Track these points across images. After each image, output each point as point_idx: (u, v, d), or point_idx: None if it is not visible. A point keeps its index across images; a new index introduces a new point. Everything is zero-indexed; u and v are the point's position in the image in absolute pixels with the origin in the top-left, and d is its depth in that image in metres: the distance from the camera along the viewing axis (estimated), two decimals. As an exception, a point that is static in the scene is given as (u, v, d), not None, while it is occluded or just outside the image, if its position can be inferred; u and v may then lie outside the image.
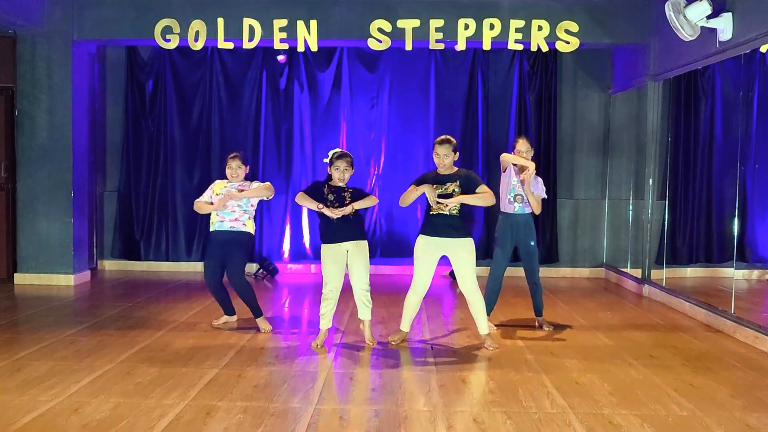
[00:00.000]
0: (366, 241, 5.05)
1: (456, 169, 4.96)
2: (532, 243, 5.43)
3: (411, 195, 4.86)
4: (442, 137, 4.94)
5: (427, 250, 4.94)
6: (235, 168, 5.40)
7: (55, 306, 6.32)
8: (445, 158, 4.87)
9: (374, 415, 3.58)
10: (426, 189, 4.82)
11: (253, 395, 3.86)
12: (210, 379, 4.14)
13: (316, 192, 4.96)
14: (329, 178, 5.00)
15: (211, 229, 5.39)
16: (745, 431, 3.47)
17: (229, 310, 5.61)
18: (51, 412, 3.56)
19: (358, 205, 4.91)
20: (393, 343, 5.06)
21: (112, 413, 3.55)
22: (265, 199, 5.52)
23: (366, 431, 3.37)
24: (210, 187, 5.54)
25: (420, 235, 4.98)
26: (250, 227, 5.40)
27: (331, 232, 4.93)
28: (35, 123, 7.37)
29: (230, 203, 5.31)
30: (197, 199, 5.56)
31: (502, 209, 5.48)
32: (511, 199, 5.40)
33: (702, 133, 7.78)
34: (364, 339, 5.11)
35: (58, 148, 7.37)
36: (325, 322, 5.02)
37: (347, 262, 4.97)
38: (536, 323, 5.64)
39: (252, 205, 5.43)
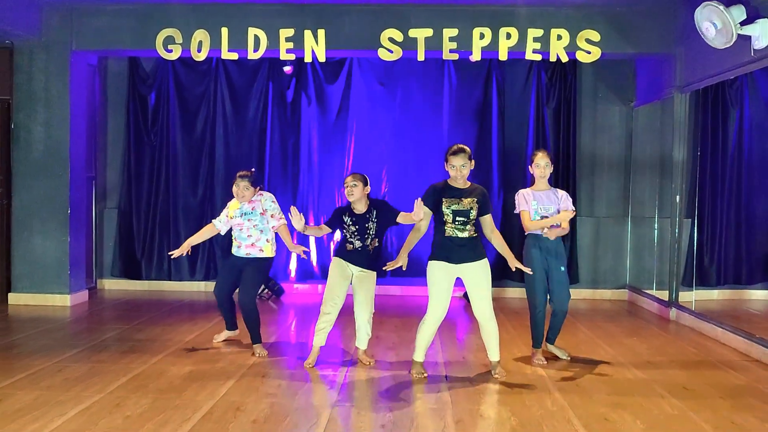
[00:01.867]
0: (375, 273, 4.88)
1: (470, 183, 4.60)
2: (563, 269, 5.03)
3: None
4: (455, 147, 4.52)
5: (443, 275, 4.52)
6: (242, 188, 5.15)
7: (49, 328, 5.98)
8: (462, 168, 4.47)
9: (385, 458, 3.21)
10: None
11: (252, 432, 3.50)
12: (205, 412, 3.78)
13: (337, 218, 4.87)
14: (351, 204, 4.85)
15: (232, 251, 5.30)
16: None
17: (232, 325, 5.49)
18: (27, 452, 3.21)
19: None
20: (416, 377, 4.62)
21: (93, 454, 3.20)
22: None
23: (376, 477, 3.00)
24: (226, 207, 5.35)
25: (434, 261, 4.54)
26: (268, 251, 5.21)
27: (346, 254, 4.84)
28: (31, 136, 7.09)
29: (245, 225, 5.17)
30: (213, 221, 5.43)
31: (527, 231, 5.09)
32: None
33: (731, 147, 7.39)
34: (371, 366, 4.84)
35: (54, 163, 7.08)
36: (319, 340, 4.83)
37: (352, 284, 4.82)
38: (545, 347, 5.18)
39: (267, 222, 5.19)
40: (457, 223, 4.48)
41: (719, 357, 5.28)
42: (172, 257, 5.26)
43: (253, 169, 5.37)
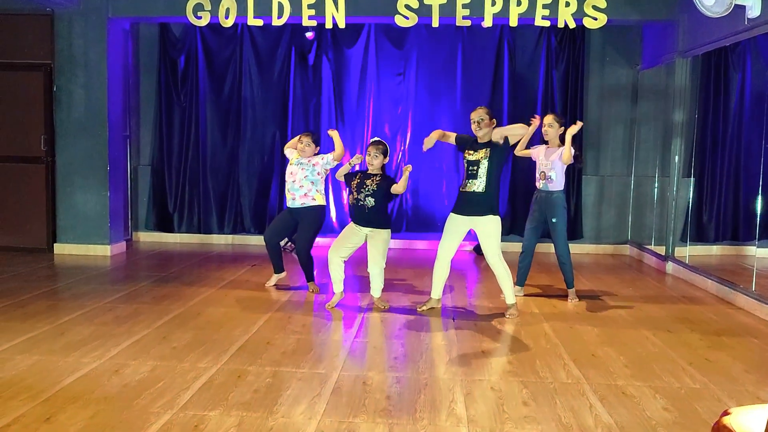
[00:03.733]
0: (388, 230, 5.37)
1: (490, 139, 5.07)
2: (554, 220, 5.57)
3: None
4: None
5: (451, 225, 5.16)
6: (305, 144, 5.81)
7: (93, 275, 6.59)
8: (479, 122, 5.02)
9: (396, 382, 3.76)
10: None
11: (281, 361, 4.06)
12: (240, 345, 4.35)
13: (350, 174, 5.43)
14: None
15: (287, 205, 5.89)
16: (756, 404, 3.57)
17: (279, 268, 6.09)
18: (94, 373, 3.80)
19: (397, 188, 5.22)
20: (421, 309, 5.32)
21: (150, 375, 3.78)
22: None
23: (387, 396, 3.55)
24: (289, 150, 6.04)
25: (451, 212, 5.22)
26: (320, 199, 5.82)
27: (356, 215, 5.33)
28: (72, 98, 7.61)
29: (297, 176, 5.76)
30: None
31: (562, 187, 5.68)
32: (538, 176, 5.66)
33: (731, 110, 7.74)
34: (386, 310, 5.38)
35: (94, 123, 7.62)
36: (336, 287, 5.42)
37: (366, 243, 5.33)
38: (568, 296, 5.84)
39: (318, 174, 5.79)
40: (469, 174, 5.03)
41: (704, 304, 5.76)
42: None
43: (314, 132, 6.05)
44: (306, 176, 5.75)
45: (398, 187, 5.21)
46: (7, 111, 7.73)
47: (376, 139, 5.41)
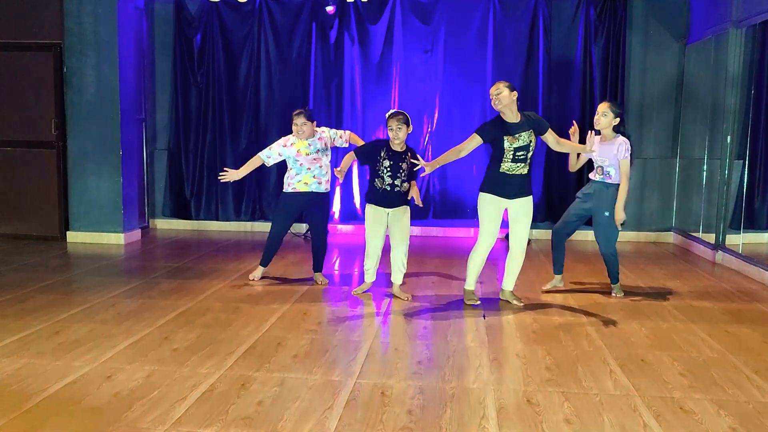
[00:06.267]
0: (408, 207, 5.01)
1: (520, 114, 4.66)
2: (606, 213, 5.04)
3: None
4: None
5: (494, 208, 4.74)
6: (301, 125, 5.25)
7: (104, 265, 6.26)
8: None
9: (418, 392, 3.31)
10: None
11: (292, 366, 3.64)
12: (248, 347, 3.95)
13: (372, 151, 4.91)
14: (389, 140, 4.90)
15: (300, 189, 5.36)
16: (839, 422, 3.06)
17: (268, 262, 5.64)
18: (84, 379, 3.42)
19: (437, 162, 4.73)
20: (468, 303, 4.95)
21: (144, 382, 3.39)
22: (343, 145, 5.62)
23: (408, 410, 3.11)
24: (278, 144, 5.41)
25: (487, 194, 4.73)
26: (328, 185, 5.51)
27: (376, 196, 4.96)
28: (83, 80, 7.26)
29: (323, 162, 5.38)
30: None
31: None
32: (595, 170, 5.15)
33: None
34: (409, 302, 5.04)
35: (106, 105, 7.26)
36: (369, 276, 5.13)
37: (388, 223, 4.99)
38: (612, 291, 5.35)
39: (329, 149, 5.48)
40: (517, 158, 4.61)
41: (764, 300, 5.21)
42: (221, 180, 5.36)
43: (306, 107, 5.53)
44: (328, 157, 5.42)
45: (420, 163, 4.71)
46: (16, 94, 7.41)
47: (392, 111, 4.91)
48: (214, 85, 8.22)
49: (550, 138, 4.77)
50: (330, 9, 7.89)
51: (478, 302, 4.94)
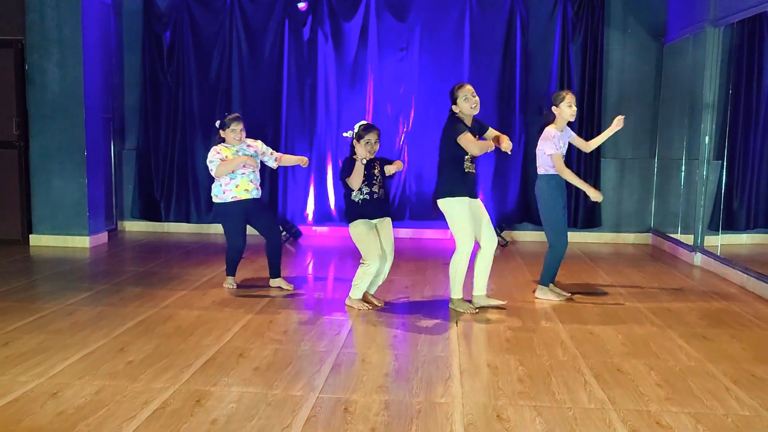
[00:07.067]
0: (390, 218, 4.91)
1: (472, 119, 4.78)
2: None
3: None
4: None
5: (468, 210, 4.66)
6: (239, 131, 5.18)
7: (66, 270, 6.03)
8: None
9: (383, 408, 3.14)
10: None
11: (252, 379, 3.46)
12: (208, 358, 3.75)
13: (351, 169, 4.65)
14: (353, 152, 4.63)
15: (241, 197, 5.13)
16: (820, 437, 2.93)
17: (234, 271, 5.45)
18: (28, 396, 3.21)
19: (392, 169, 4.80)
20: (468, 312, 4.77)
21: (92, 399, 3.18)
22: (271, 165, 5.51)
23: (372, 427, 2.94)
24: (218, 153, 5.17)
25: (455, 197, 4.63)
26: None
27: (359, 209, 4.71)
28: (46, 77, 7.00)
29: (258, 166, 5.25)
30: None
31: (546, 171, 4.97)
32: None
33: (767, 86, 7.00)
34: (381, 308, 4.89)
35: (70, 104, 7.01)
36: (357, 293, 4.84)
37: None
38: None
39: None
40: (472, 157, 4.65)
41: (742, 305, 5.10)
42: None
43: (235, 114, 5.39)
44: (259, 162, 5.28)
45: (392, 168, 4.81)
46: (-24, 92, 7.15)
47: (366, 123, 4.67)
48: (184, 83, 8.00)
49: (492, 132, 4.81)
50: (302, 5, 7.70)
51: (476, 311, 4.77)
